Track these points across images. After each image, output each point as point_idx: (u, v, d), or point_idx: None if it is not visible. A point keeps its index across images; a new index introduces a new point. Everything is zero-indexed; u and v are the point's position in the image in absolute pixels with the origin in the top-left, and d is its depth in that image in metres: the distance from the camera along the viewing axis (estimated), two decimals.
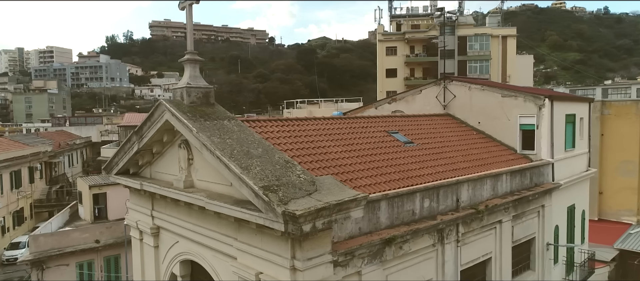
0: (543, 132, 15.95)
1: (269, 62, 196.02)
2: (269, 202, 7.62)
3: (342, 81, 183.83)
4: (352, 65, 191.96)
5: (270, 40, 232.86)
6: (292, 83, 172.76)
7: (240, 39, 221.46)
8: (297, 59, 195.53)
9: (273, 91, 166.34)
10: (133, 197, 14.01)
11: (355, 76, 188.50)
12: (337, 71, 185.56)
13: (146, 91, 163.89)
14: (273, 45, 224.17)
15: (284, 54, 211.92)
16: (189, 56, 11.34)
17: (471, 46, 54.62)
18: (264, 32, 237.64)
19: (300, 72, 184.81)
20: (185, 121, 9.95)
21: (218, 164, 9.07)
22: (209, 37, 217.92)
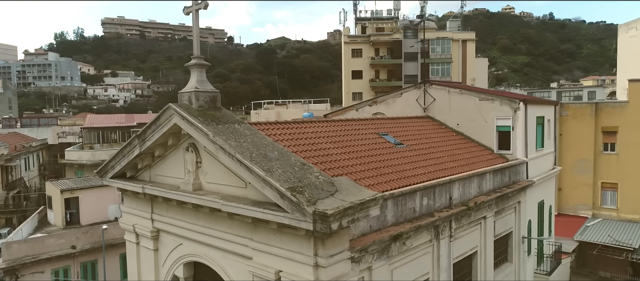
0: (518, 133, 17.11)
1: (228, 62, 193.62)
2: (298, 202, 8.02)
3: (302, 81, 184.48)
4: (312, 66, 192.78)
5: (229, 40, 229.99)
6: (252, 84, 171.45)
7: None
8: (257, 59, 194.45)
9: (233, 91, 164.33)
10: (128, 200, 13.93)
11: (315, 77, 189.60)
12: (298, 71, 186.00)
13: (100, 90, 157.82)
14: (232, 45, 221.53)
15: (243, 53, 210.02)
16: (196, 61, 11.52)
17: (433, 49, 56.58)
18: (223, 32, 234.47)
19: (260, 72, 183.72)
20: (199, 125, 10.16)
21: (237, 167, 9.36)
22: (166, 36, 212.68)
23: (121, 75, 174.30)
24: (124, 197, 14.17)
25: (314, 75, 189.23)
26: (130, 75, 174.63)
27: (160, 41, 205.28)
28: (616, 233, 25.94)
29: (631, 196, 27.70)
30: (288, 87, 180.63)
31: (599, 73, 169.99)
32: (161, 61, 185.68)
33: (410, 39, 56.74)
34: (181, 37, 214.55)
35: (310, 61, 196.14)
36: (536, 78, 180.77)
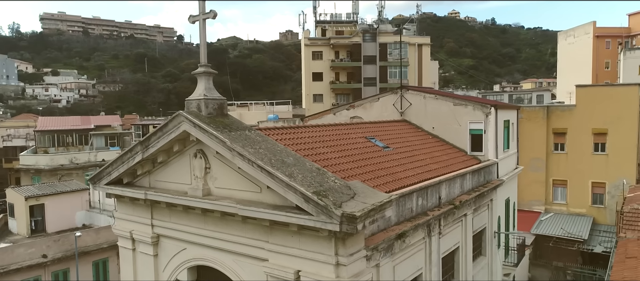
0: (489, 136, 18.48)
1: (179, 61, 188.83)
2: (325, 205, 8.58)
3: (255, 82, 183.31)
4: (265, 66, 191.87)
5: (179, 38, 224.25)
6: None
7: (146, 36, 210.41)
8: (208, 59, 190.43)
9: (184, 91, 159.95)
10: (124, 207, 13.87)
11: (268, 77, 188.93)
12: (250, 72, 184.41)
13: (40, 90, 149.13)
14: (182, 44, 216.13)
15: (194, 52, 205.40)
16: (203, 69, 11.76)
17: (391, 53, 58.39)
18: (172, 30, 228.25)
19: None
20: (214, 132, 10.45)
21: (257, 173, 9.77)
22: (111, 33, 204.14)
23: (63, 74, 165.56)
24: (118, 203, 14.08)
25: (267, 76, 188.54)
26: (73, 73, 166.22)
27: (105, 39, 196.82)
28: (567, 226, 28.28)
29: (578, 192, 30.28)
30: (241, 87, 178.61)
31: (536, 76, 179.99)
32: (107, 59, 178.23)
33: (368, 42, 58.30)
34: (128, 34, 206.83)
35: (263, 61, 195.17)
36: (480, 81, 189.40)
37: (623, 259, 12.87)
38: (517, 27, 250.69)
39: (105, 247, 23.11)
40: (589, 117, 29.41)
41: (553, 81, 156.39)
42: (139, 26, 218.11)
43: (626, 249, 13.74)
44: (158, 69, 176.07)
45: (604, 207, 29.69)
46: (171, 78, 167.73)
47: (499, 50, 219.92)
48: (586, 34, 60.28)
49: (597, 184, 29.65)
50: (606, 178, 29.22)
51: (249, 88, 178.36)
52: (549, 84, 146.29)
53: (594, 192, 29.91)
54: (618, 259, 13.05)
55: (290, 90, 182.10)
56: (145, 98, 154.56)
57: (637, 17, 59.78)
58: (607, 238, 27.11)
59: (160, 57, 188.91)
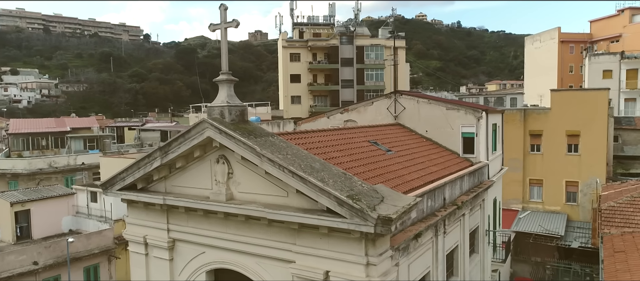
0: (481, 139, 19.42)
1: (146, 61, 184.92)
2: (361, 208, 9.08)
3: None
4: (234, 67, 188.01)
5: (146, 37, 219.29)
6: (172, 84, 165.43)
7: (111, 35, 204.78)
8: (177, 58, 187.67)
9: (152, 92, 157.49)
10: (136, 212, 13.91)
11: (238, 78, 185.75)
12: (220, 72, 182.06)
13: None
14: (149, 43, 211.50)
15: (161, 52, 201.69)
16: (225, 76, 12.04)
17: (368, 55, 59.45)
18: (138, 29, 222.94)
19: (180, 72, 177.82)
20: (242, 139, 10.75)
21: (288, 178, 10.15)
22: (74, 31, 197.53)
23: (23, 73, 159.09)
24: (131, 208, 14.11)
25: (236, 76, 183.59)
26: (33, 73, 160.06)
27: (67, 37, 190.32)
28: (544, 223, 29.81)
29: (553, 190, 31.95)
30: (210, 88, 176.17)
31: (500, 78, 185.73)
32: (70, 58, 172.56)
33: (345, 45, 59.12)
34: (92, 33, 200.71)
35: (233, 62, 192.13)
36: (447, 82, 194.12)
37: (612, 253, 13.94)
38: (482, 30, 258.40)
39: (96, 253, 22.79)
40: (563, 119, 31.09)
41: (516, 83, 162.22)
42: (104, 24, 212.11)
43: (613, 244, 14.86)
44: (124, 69, 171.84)
45: (577, 204, 31.45)
46: (138, 78, 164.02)
47: (465, 53, 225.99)
48: (552, 39, 63.11)
49: (570, 183, 31.39)
50: (579, 177, 30.98)
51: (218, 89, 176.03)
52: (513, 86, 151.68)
53: (568, 190, 31.65)
54: (607, 253, 14.12)
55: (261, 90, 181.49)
56: (111, 99, 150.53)
57: (599, 24, 63.07)
58: (581, 234, 28.79)
59: (126, 56, 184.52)
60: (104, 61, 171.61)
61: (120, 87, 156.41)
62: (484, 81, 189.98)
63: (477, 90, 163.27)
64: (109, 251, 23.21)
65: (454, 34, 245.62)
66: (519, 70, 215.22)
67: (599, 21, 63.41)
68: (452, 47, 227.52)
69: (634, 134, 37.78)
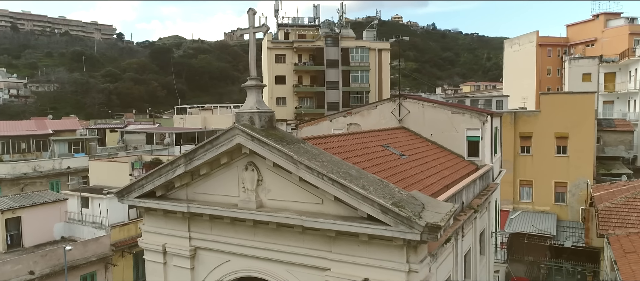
0: (486, 142, 19.74)
1: (119, 60, 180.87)
2: (408, 216, 9.08)
3: (201, 83, 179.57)
4: (211, 67, 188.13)
5: (119, 36, 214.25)
6: (147, 84, 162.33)
7: (83, 33, 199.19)
8: (151, 58, 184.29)
9: (126, 92, 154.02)
10: (154, 219, 13.55)
11: (215, 78, 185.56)
12: (196, 72, 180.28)
13: None
14: (122, 42, 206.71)
15: (135, 51, 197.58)
16: (254, 82, 11.84)
17: (353, 57, 59.70)
18: (111, 27, 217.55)
19: (155, 72, 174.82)
20: (277, 146, 10.61)
21: (327, 185, 10.07)
22: (44, 29, 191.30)
23: None
24: (148, 216, 13.74)
25: (213, 76, 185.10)
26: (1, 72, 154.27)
27: (36, 35, 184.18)
28: (536, 223, 30.57)
29: (543, 191, 32.79)
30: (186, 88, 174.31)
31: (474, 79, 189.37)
32: (39, 57, 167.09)
33: (331, 46, 59.22)
34: (62, 31, 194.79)
35: (209, 61, 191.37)
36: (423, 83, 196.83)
37: (623, 254, 14.39)
38: (456, 33, 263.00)
39: (93, 260, 22.12)
40: (552, 122, 31.96)
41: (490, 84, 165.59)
42: (75, 22, 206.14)
43: (621, 245, 15.35)
44: (97, 68, 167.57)
45: (565, 204, 32.38)
46: (112, 78, 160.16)
47: (440, 54, 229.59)
48: (530, 42, 64.76)
49: (559, 184, 32.30)
50: (567, 178, 31.89)
51: (195, 89, 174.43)
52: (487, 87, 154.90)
53: (557, 191, 32.55)
54: (618, 254, 14.57)
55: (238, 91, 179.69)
56: (84, 99, 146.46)
57: (575, 28, 65.11)
58: (572, 233, 29.66)
59: (99, 55, 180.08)
60: (76, 60, 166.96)
61: (93, 87, 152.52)
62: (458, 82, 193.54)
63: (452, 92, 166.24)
64: (105, 259, 22.54)
65: (429, 36, 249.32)
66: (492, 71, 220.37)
67: (575, 25, 65.45)
68: (428, 48, 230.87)
69: (614, 135, 39.15)
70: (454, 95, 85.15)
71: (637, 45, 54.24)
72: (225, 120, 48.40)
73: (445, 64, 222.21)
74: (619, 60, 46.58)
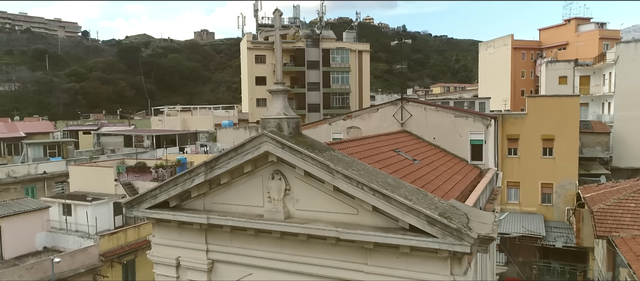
0: (489, 146, 19.79)
1: (85, 59, 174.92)
2: (458, 228, 8.76)
3: (171, 83, 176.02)
4: (181, 66, 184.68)
5: (84, 34, 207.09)
6: (115, 84, 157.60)
7: (46, 31, 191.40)
8: (119, 57, 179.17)
9: (93, 92, 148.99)
10: (166, 231, 12.76)
11: (185, 78, 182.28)
12: (165, 72, 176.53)
13: None
14: (87, 40, 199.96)
15: (101, 50, 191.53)
16: (281, 86, 11.29)
17: (334, 59, 59.49)
18: (75, 25, 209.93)
19: (123, 71, 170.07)
20: (310, 154, 10.11)
21: (366, 195, 9.64)
22: (3, 26, 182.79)
23: None
24: (159, 228, 12.94)
25: (183, 76, 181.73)
26: None
27: None
28: (524, 223, 31.07)
29: (529, 192, 33.40)
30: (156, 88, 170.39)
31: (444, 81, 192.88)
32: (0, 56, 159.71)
33: (311, 47, 58.81)
34: (23, 28, 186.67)
35: (179, 61, 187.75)
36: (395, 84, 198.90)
37: (635, 257, 14.58)
38: (425, 35, 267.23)
39: (82, 272, 20.91)
40: (538, 124, 32.58)
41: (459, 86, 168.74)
42: (37, 19, 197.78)
43: (630, 248, 15.58)
44: (61, 67, 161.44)
45: (551, 205, 33.08)
46: (77, 77, 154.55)
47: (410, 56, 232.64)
48: (505, 45, 66.22)
49: (545, 185, 32.96)
50: (553, 179, 32.58)
51: (164, 89, 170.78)
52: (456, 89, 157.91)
53: (543, 192, 33.22)
54: (630, 257, 14.77)
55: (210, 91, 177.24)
56: (47, 99, 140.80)
57: (547, 32, 66.99)
58: (560, 234, 30.27)
59: (63, 54, 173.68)
60: (38, 59, 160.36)
61: (58, 86, 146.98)
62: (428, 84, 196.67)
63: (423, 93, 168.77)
64: (94, 270, 21.33)
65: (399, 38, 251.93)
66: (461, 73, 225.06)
67: (548, 29, 67.34)
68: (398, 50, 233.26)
69: (591, 137, 40.29)
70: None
71: (606, 49, 56.28)
72: (206, 121, 47.21)
73: (415, 66, 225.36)
74: (593, 64, 48.13)
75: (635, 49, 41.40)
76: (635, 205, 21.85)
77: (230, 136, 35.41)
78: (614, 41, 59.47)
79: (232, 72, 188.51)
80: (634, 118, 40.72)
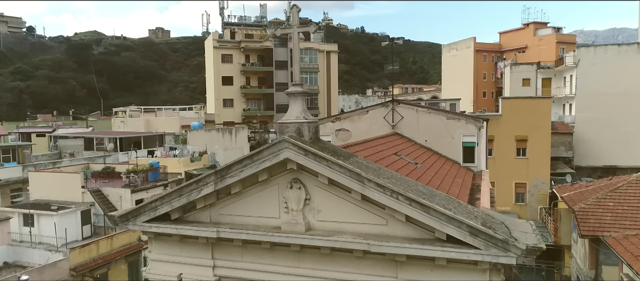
0: (481, 148, 19.74)
1: (31, 56, 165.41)
2: (505, 239, 8.31)
3: (125, 82, 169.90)
4: (136, 65, 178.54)
5: (29, 30, 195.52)
6: (65, 83, 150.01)
7: None
8: (68, 55, 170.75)
9: (41, 91, 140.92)
10: (165, 246, 11.66)
11: (140, 77, 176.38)
12: (119, 71, 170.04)
13: None
14: (33, 37, 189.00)
15: (48, 47, 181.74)
16: (299, 88, 10.49)
17: (302, 59, 58.69)
18: (19, 20, 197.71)
19: (73, 69, 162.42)
20: (337, 161, 9.39)
21: (402, 205, 9.04)
22: None
23: None
24: (157, 243, 11.81)
25: (138, 75, 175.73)
26: None
27: None
28: None
29: (504, 191, 34.00)
30: (109, 87, 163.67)
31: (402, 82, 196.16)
32: None
33: (279, 47, 57.84)
34: None
35: (134, 59, 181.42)
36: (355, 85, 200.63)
37: (633, 258, 14.79)
38: (383, 36, 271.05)
39: None
40: (513, 125, 33.25)
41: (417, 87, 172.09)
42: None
43: (625, 248, 15.83)
44: (4, 65, 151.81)
45: (525, 204, 33.87)
46: (22, 75, 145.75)
47: (369, 57, 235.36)
48: (467, 47, 67.80)
49: (519, 185, 33.69)
50: (526, 179, 33.36)
51: (118, 89, 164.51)
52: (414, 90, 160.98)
53: (517, 191, 33.95)
54: (628, 258, 14.97)
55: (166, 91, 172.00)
56: None
57: (507, 35, 69.17)
58: None
59: (6, 50, 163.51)
60: None
61: (1, 85, 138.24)
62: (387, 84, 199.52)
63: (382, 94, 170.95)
64: None
65: (358, 39, 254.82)
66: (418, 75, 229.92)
67: (508, 33, 69.53)
68: (358, 51, 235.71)
69: (555, 137, 41.65)
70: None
71: (563, 53, 58.70)
72: (172, 123, 45.13)
73: (374, 67, 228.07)
74: (555, 67, 49.98)
75: (595, 53, 43.24)
76: (614, 204, 22.45)
77: (202, 138, 33.97)
78: (570, 45, 62.12)
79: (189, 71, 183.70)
80: (594, 119, 42.50)
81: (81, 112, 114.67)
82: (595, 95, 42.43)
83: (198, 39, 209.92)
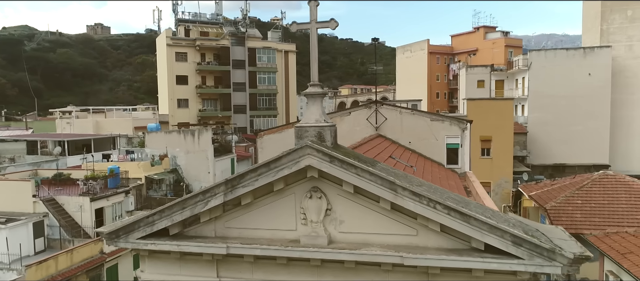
0: (465, 150, 19.75)
1: None
2: (552, 249, 7.95)
3: (61, 80, 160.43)
4: (73, 63, 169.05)
5: None
6: None
7: None
8: None
9: None
10: (161, 264, 10.43)
11: (78, 75, 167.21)
12: (55, 69, 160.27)
13: None
14: None
15: None
16: (318, 89, 9.67)
17: (260, 58, 57.48)
18: None
19: (2, 66, 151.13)
20: (368, 169, 8.67)
21: (438, 215, 8.48)
22: None
23: None
24: (151, 260, 10.53)
25: (76, 74, 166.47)
26: None
27: None
28: None
29: None
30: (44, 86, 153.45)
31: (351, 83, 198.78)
32: None
33: (236, 46, 56.24)
34: None
35: (71, 57, 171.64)
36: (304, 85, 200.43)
37: (620, 255, 15.20)
38: (332, 37, 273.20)
39: None
40: (477, 126, 33.86)
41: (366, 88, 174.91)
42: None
43: (610, 246, 16.28)
44: None
45: None
46: None
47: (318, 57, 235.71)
48: (421, 50, 69.23)
49: (484, 184, 34.17)
50: (491, 178, 34.16)
51: (54, 88, 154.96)
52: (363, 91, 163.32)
53: None
54: (615, 255, 15.37)
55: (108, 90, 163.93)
56: None
57: (459, 38, 71.32)
58: None
59: None
60: None
61: None
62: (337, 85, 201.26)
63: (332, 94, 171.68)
64: None
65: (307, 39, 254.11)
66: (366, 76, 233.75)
67: (459, 36, 71.71)
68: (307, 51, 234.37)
69: None
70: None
71: (511, 56, 61.26)
72: (124, 124, 42.21)
73: (323, 67, 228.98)
74: (507, 69, 51.99)
75: (545, 57, 45.34)
76: (582, 202, 23.28)
77: (162, 141, 31.93)
78: (517, 49, 64.89)
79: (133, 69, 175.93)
80: (545, 119, 44.52)
81: (13, 113, 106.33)
82: (545, 96, 44.46)
83: (141, 37, 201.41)
